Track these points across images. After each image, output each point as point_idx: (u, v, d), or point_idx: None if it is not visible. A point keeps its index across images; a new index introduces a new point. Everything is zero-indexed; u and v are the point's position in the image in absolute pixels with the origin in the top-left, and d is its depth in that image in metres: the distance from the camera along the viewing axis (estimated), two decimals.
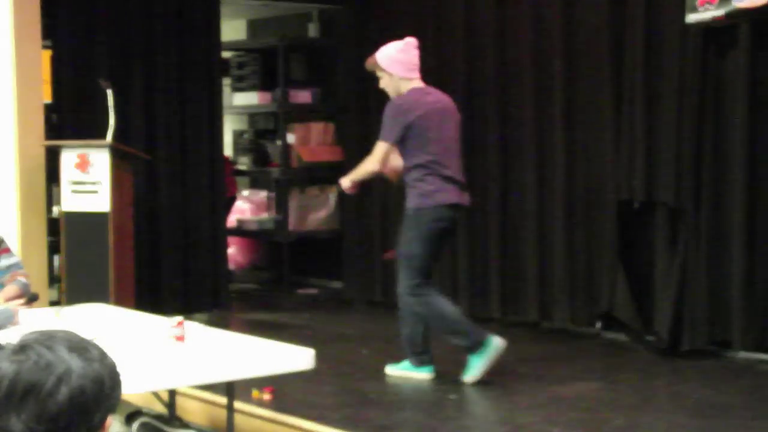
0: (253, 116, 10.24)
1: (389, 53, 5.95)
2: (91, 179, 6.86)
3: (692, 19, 6.26)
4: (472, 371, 5.83)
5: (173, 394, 5.16)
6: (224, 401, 4.83)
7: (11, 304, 4.92)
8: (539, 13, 7.27)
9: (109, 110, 6.82)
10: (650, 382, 6.05)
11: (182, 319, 4.57)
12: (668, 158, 6.54)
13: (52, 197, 7.47)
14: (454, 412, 5.43)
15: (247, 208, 9.84)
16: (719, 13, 6.11)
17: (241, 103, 9.44)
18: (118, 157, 6.89)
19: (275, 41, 9.09)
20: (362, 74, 6.19)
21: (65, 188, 6.95)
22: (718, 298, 6.38)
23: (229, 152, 9.24)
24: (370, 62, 6.04)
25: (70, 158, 6.92)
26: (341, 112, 9.08)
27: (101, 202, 6.85)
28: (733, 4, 6.05)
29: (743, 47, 6.17)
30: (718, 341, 6.47)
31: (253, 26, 10.16)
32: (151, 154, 7.52)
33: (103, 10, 7.58)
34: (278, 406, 5.38)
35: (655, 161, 6.63)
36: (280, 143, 9.14)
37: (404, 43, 5.98)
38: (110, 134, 6.81)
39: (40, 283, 6.63)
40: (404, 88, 5.93)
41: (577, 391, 5.79)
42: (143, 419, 5.01)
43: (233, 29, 9.86)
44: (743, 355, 6.43)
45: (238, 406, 4.95)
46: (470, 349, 5.85)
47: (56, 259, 7.76)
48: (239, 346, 4.57)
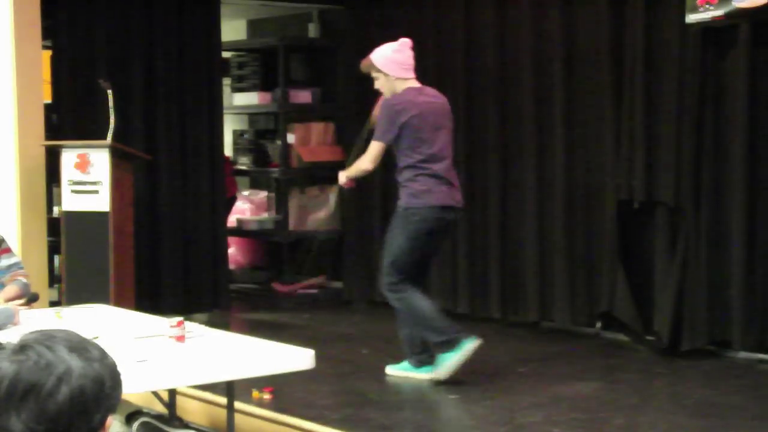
0: (253, 116, 10.24)
1: (385, 54, 5.95)
2: (91, 179, 6.86)
3: (692, 19, 6.26)
4: (441, 368, 5.86)
5: (173, 394, 5.16)
6: (224, 401, 4.83)
7: (11, 304, 4.92)
8: (539, 13, 7.26)
9: (109, 110, 6.82)
10: (650, 382, 6.04)
11: (182, 319, 4.58)
12: (668, 158, 6.54)
13: (52, 197, 7.47)
14: (454, 412, 5.42)
15: (247, 208, 9.83)
16: (719, 13, 6.11)
17: (241, 103, 9.43)
18: (118, 157, 6.89)
19: (275, 41, 9.08)
20: (362, 74, 6.18)
21: (65, 188, 6.94)
22: (718, 298, 6.38)
23: (229, 152, 9.24)
24: (365, 63, 6.03)
25: (70, 158, 6.92)
26: (341, 112, 9.07)
27: (101, 202, 6.85)
28: (733, 4, 6.05)
29: (743, 47, 6.17)
30: (718, 341, 6.47)
31: (253, 26, 10.16)
32: (151, 154, 7.52)
33: (103, 10, 7.58)
34: (278, 406, 5.38)
35: (655, 161, 6.63)
36: (280, 143, 9.14)
37: (399, 43, 5.98)
38: (110, 134, 6.81)
39: (40, 283, 6.63)
40: (400, 88, 5.92)
41: (577, 391, 5.79)
42: (143, 419, 5.01)
43: (233, 29, 9.86)
44: (743, 355, 6.43)
45: (238, 406, 4.95)
46: (443, 345, 5.86)
47: (56, 259, 7.77)
48: (239, 346, 4.57)
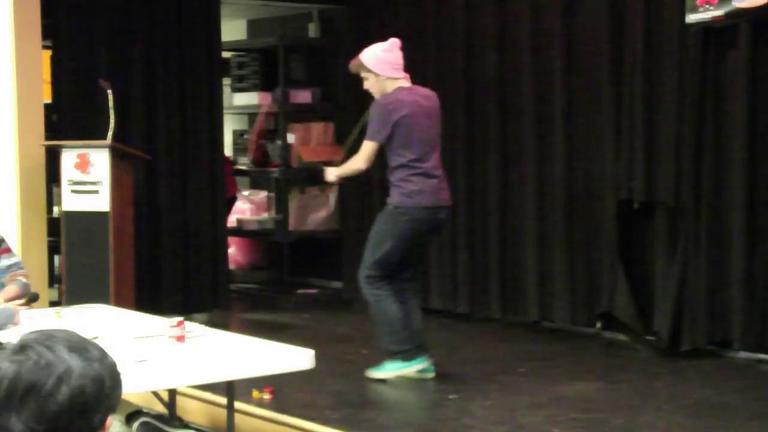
0: (253, 116, 10.23)
1: (375, 54, 5.95)
2: (91, 179, 6.86)
3: (692, 19, 6.26)
4: (382, 371, 5.91)
5: (173, 394, 5.16)
6: (224, 401, 4.84)
7: (11, 304, 4.93)
8: (539, 13, 7.26)
9: (109, 110, 6.82)
10: (650, 382, 6.04)
11: (182, 319, 4.58)
12: (668, 158, 6.54)
13: (52, 197, 7.47)
14: (454, 412, 5.42)
15: (247, 208, 9.83)
16: (719, 13, 6.11)
17: (241, 103, 9.43)
18: (118, 157, 6.89)
19: (275, 41, 9.08)
20: None
21: (65, 188, 6.94)
22: (718, 298, 6.38)
23: (229, 152, 9.24)
24: (354, 64, 6.03)
25: (70, 158, 6.91)
26: (341, 112, 9.07)
27: (101, 202, 6.85)
28: (733, 4, 6.05)
29: (743, 47, 6.16)
30: (718, 341, 6.47)
31: (253, 26, 10.16)
32: (151, 154, 7.52)
33: (103, 10, 7.57)
34: (278, 406, 5.38)
35: (655, 161, 6.63)
36: (280, 143, 9.13)
37: (389, 43, 5.98)
38: (110, 134, 6.81)
39: (40, 283, 6.63)
40: (390, 87, 5.92)
41: (577, 391, 5.79)
42: (143, 419, 5.01)
43: (233, 29, 9.86)
44: (743, 355, 6.43)
45: (238, 406, 4.95)
46: (396, 354, 5.90)
47: (56, 259, 7.77)
48: (239, 346, 4.57)
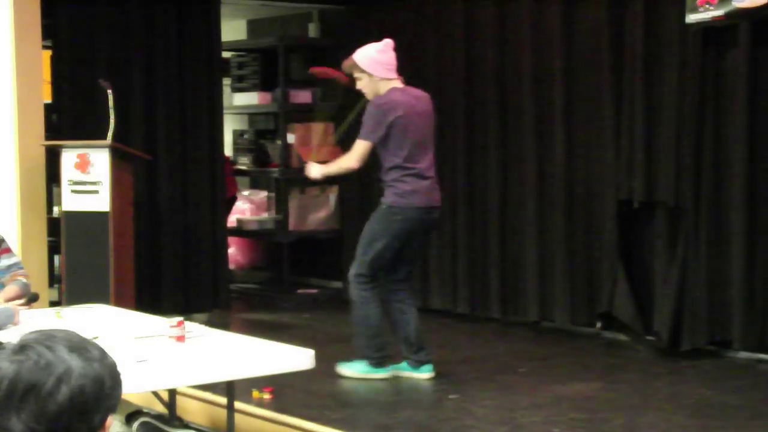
0: (253, 116, 10.23)
1: (369, 54, 5.95)
2: (91, 179, 6.86)
3: (692, 19, 6.25)
4: (350, 368, 5.96)
5: (173, 394, 5.16)
6: (224, 401, 4.84)
7: (11, 304, 4.92)
8: (539, 13, 7.26)
9: (109, 110, 6.82)
10: (650, 382, 6.04)
11: (182, 319, 4.58)
12: (668, 158, 6.54)
13: (52, 197, 7.47)
14: (454, 412, 5.42)
15: (247, 208, 9.83)
16: (719, 13, 6.11)
17: (241, 103, 9.43)
18: (118, 157, 6.89)
19: (275, 41, 9.07)
20: None
21: (65, 188, 6.94)
22: (718, 298, 6.38)
23: (229, 152, 9.24)
24: (347, 64, 6.03)
25: (70, 158, 6.91)
26: (341, 112, 9.06)
27: (101, 202, 6.85)
28: (733, 4, 6.05)
29: (743, 47, 6.16)
30: (718, 341, 6.47)
31: (253, 26, 10.16)
32: (151, 154, 7.51)
33: (103, 10, 7.57)
34: (278, 406, 5.38)
35: (655, 161, 6.63)
36: (280, 143, 9.13)
37: (383, 44, 5.98)
38: (110, 134, 6.81)
39: (40, 283, 6.63)
40: (383, 88, 5.93)
41: (577, 391, 5.79)
42: (143, 419, 5.00)
43: (233, 29, 9.86)
44: (743, 355, 6.43)
45: (238, 406, 4.95)
46: (369, 359, 5.96)
47: (56, 259, 7.76)
48: (239, 346, 4.57)
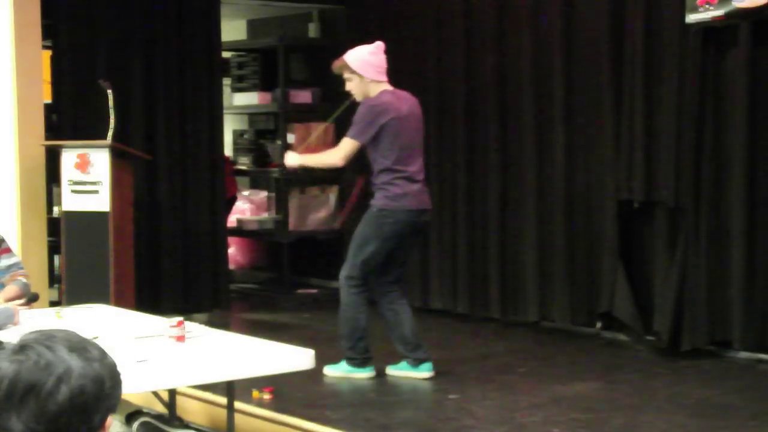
0: (253, 116, 10.23)
1: (361, 55, 5.96)
2: (91, 179, 6.86)
3: (692, 19, 6.26)
4: (334, 370, 6.01)
5: (173, 394, 5.16)
6: (224, 401, 4.84)
7: (11, 304, 4.93)
8: (539, 13, 7.26)
9: (109, 110, 6.82)
10: (650, 382, 6.04)
11: (182, 319, 4.58)
12: (668, 158, 6.54)
13: (52, 197, 7.47)
14: (454, 412, 5.42)
15: (247, 208, 9.83)
16: (719, 13, 6.11)
17: (241, 103, 9.43)
18: (118, 157, 6.89)
19: (275, 41, 9.07)
20: None
21: (65, 188, 6.94)
22: (718, 298, 6.38)
23: (229, 152, 9.24)
24: (337, 64, 6.03)
25: (70, 158, 6.91)
26: (343, 112, 9.04)
27: (101, 202, 6.85)
28: (733, 4, 6.05)
29: (743, 47, 6.16)
30: (718, 341, 6.47)
31: (253, 26, 10.16)
32: (151, 154, 7.52)
33: (103, 10, 7.58)
34: (278, 406, 5.38)
35: (655, 161, 6.63)
36: (280, 143, 9.13)
37: (374, 46, 5.99)
38: (110, 134, 6.81)
39: (40, 283, 6.63)
40: (373, 90, 5.94)
41: (577, 391, 5.79)
42: (143, 419, 5.01)
43: (233, 29, 9.86)
44: (743, 355, 6.43)
45: (238, 406, 4.95)
46: (352, 360, 6.01)
47: (56, 259, 7.76)
48: (239, 346, 4.57)
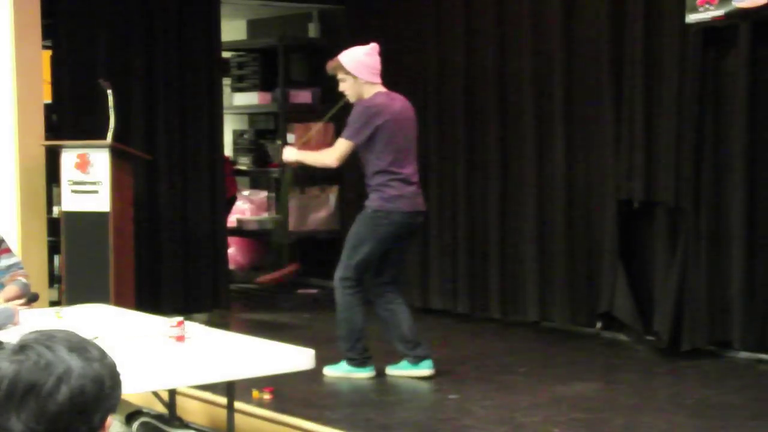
0: (253, 116, 10.24)
1: (356, 56, 5.95)
2: (91, 179, 6.86)
3: (692, 19, 6.25)
4: (334, 370, 6.02)
5: (173, 394, 5.16)
6: (224, 401, 4.84)
7: (11, 304, 4.92)
8: (539, 12, 7.26)
9: (109, 110, 6.82)
10: (650, 382, 6.04)
11: (182, 319, 4.58)
12: (668, 158, 6.54)
13: (52, 197, 7.47)
14: (454, 412, 5.42)
15: (247, 208, 9.83)
16: (719, 13, 6.11)
17: (241, 103, 9.44)
18: (118, 157, 6.89)
19: (275, 41, 9.08)
20: None
21: (65, 188, 6.94)
22: (718, 298, 6.38)
23: (229, 152, 9.24)
24: (332, 65, 6.02)
25: (70, 158, 6.91)
26: (341, 112, 9.05)
27: (101, 202, 6.85)
28: (733, 4, 6.05)
29: (743, 47, 6.16)
30: (718, 341, 6.47)
31: (253, 26, 10.16)
32: (151, 154, 7.52)
33: (103, 10, 7.58)
34: (278, 406, 5.38)
35: (654, 161, 6.63)
36: (280, 143, 9.13)
37: (370, 47, 5.99)
38: (110, 134, 6.81)
39: (40, 283, 6.63)
40: (367, 92, 5.95)
41: (577, 391, 5.79)
42: (143, 419, 5.00)
43: (233, 29, 9.86)
44: (743, 355, 6.43)
45: (238, 406, 4.95)
46: (350, 360, 6.03)
47: (56, 259, 7.76)
48: (239, 346, 4.57)
